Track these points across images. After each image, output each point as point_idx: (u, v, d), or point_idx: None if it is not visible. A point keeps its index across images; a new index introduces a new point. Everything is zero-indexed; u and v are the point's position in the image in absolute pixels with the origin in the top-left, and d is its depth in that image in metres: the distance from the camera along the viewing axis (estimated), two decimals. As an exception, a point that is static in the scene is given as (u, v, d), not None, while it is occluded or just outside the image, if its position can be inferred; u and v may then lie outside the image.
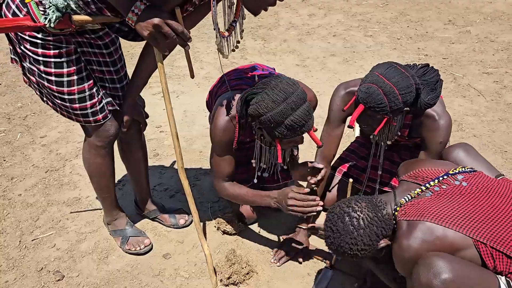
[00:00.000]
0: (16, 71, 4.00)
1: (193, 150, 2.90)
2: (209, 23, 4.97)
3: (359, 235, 1.45)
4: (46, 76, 1.67)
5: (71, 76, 1.69)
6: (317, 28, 4.74)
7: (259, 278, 2.00)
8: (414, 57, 4.03)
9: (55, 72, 1.66)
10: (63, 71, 1.67)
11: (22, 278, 2.00)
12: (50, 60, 1.64)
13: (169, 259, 2.11)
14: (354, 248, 1.47)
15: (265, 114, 1.63)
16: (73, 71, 1.69)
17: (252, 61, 4.10)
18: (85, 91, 1.74)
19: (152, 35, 1.47)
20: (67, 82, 1.69)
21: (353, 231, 1.46)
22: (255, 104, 1.66)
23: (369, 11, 5.09)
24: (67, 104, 1.75)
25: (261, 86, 1.68)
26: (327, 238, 1.52)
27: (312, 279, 1.99)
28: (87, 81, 1.74)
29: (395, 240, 1.47)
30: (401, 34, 4.51)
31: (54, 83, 1.68)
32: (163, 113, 3.27)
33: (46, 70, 1.65)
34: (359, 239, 1.45)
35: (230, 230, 2.21)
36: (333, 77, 3.77)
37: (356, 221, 1.46)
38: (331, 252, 1.81)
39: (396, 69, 1.69)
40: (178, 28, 1.47)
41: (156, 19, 1.43)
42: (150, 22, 1.44)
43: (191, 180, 2.62)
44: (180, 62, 4.14)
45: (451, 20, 4.76)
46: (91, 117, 1.79)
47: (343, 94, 1.97)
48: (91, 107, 1.77)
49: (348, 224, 1.46)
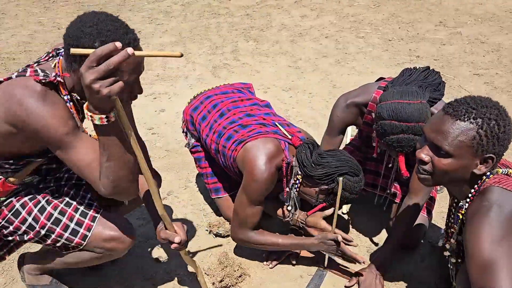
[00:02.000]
0: (6, 72, 3.97)
1: (185, 151, 2.89)
2: (201, 25, 4.96)
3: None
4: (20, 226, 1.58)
5: (32, 213, 1.58)
6: (309, 30, 4.75)
7: (251, 281, 2.00)
8: (405, 58, 4.05)
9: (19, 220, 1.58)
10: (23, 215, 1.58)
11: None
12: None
13: (161, 263, 2.10)
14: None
15: (344, 192, 1.79)
16: (31, 209, 1.59)
17: (244, 62, 4.10)
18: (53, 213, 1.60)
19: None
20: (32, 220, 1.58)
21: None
22: (346, 181, 1.77)
23: (361, 13, 5.11)
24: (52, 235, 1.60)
25: (353, 168, 1.79)
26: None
27: (305, 281, 1.99)
28: (49, 205, 1.61)
29: (481, 201, 1.34)
30: (392, 35, 4.53)
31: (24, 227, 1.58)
32: (155, 114, 3.25)
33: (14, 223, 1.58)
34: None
35: (222, 232, 2.20)
36: (325, 78, 3.77)
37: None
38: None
39: (409, 105, 1.66)
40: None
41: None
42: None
43: (183, 183, 2.62)
44: (173, 63, 4.13)
45: (442, 21, 4.80)
46: (84, 230, 1.61)
47: (343, 106, 2.02)
48: (70, 220, 1.60)
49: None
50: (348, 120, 2.05)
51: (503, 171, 1.38)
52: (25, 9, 5.48)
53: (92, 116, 1.19)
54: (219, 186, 2.22)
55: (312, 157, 1.81)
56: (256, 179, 1.81)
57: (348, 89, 3.57)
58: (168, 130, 3.10)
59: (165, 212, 1.53)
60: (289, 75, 3.85)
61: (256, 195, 1.85)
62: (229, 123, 1.99)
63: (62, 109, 1.34)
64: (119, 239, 1.61)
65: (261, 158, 1.82)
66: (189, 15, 5.27)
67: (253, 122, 1.98)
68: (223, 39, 4.60)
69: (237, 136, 1.93)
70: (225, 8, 5.42)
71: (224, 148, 1.96)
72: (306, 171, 1.80)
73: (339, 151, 1.86)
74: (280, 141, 1.90)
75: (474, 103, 1.32)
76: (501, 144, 1.31)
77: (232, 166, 1.97)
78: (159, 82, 3.79)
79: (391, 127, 1.66)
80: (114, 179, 1.31)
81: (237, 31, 4.77)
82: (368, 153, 2.18)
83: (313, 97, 3.51)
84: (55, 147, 1.36)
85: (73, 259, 1.68)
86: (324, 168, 1.78)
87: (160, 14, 5.31)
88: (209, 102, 2.13)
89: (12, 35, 4.73)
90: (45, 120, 1.30)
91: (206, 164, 2.23)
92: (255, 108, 2.08)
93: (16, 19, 5.17)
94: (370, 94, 1.96)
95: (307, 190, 1.86)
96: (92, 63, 1.08)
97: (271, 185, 1.86)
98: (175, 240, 1.56)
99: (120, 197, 1.41)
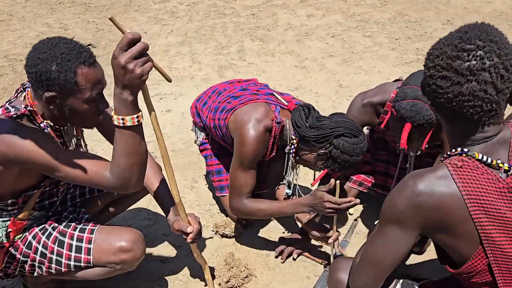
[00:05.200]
0: (14, 73, 3.99)
1: (191, 152, 2.89)
2: (207, 25, 4.96)
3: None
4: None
5: (41, 241, 1.64)
6: (316, 29, 4.72)
7: (257, 282, 1.99)
8: (413, 57, 4.01)
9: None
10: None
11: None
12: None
13: (167, 263, 2.09)
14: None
15: (343, 154, 1.72)
16: (40, 238, 1.65)
17: (250, 62, 4.09)
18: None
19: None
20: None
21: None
22: (344, 143, 1.71)
23: (368, 12, 5.08)
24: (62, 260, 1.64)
25: (350, 128, 1.73)
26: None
27: (311, 282, 1.98)
28: (54, 230, 1.67)
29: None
30: (399, 34, 4.49)
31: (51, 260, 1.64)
32: (161, 115, 3.25)
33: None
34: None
35: (228, 233, 2.19)
36: (332, 78, 3.75)
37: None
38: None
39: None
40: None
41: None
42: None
43: (189, 183, 2.61)
44: (179, 63, 4.13)
45: (450, 20, 4.75)
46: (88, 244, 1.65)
47: (359, 106, 1.97)
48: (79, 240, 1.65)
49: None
50: (364, 120, 1.99)
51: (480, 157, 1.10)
52: (32, 11, 5.51)
53: (124, 118, 1.27)
54: (224, 184, 2.21)
55: (308, 120, 1.78)
56: (245, 142, 1.81)
57: (354, 88, 3.57)
58: (174, 131, 3.10)
59: (181, 201, 1.56)
60: (295, 75, 3.83)
61: (247, 159, 1.84)
62: (224, 98, 2.01)
63: (40, 136, 1.40)
64: (128, 250, 1.63)
65: (249, 121, 1.82)
66: (195, 15, 5.27)
67: (246, 93, 1.99)
68: (229, 39, 4.59)
69: (229, 106, 1.94)
70: (231, 8, 5.41)
71: (219, 120, 1.97)
72: (300, 132, 1.77)
73: (338, 114, 1.82)
74: (270, 105, 1.89)
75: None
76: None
77: (226, 135, 1.98)
78: (165, 82, 3.79)
79: (412, 90, 1.66)
80: (125, 166, 1.35)
81: (243, 31, 4.76)
82: (378, 154, 2.16)
83: (319, 96, 3.49)
84: (47, 172, 1.42)
85: (83, 275, 1.68)
86: (318, 130, 1.74)
87: (166, 15, 5.32)
88: (211, 90, 2.16)
89: (19, 37, 4.76)
90: (27, 149, 1.36)
91: (213, 161, 2.24)
92: (251, 85, 2.09)
93: (23, 21, 5.20)
94: (388, 93, 1.91)
95: (305, 157, 1.83)
96: (125, 46, 1.18)
97: (261, 147, 1.84)
98: (188, 230, 1.57)
99: (127, 188, 1.42)
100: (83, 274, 1.67)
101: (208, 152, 2.25)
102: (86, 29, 4.96)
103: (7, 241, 1.61)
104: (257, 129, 1.81)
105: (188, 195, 2.53)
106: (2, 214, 1.59)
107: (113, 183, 1.39)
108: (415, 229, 1.14)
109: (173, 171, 1.52)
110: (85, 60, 1.38)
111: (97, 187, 1.45)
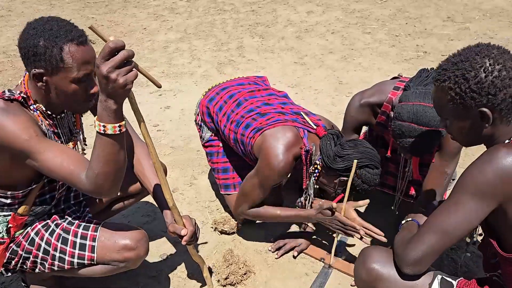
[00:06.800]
0: (13, 69, 3.98)
1: (190, 149, 2.89)
2: (207, 21, 4.95)
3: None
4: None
5: (44, 238, 1.64)
6: (315, 25, 4.71)
7: (256, 279, 1.99)
8: (412, 54, 4.01)
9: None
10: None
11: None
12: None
13: (166, 260, 2.10)
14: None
15: (363, 184, 1.77)
16: (43, 234, 1.65)
17: (250, 59, 4.08)
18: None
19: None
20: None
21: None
22: (366, 173, 1.75)
23: (368, 8, 5.07)
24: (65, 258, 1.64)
25: (374, 160, 1.76)
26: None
27: (310, 279, 1.98)
28: (58, 227, 1.66)
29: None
30: (399, 31, 4.49)
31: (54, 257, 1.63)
32: (160, 111, 3.25)
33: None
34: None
35: (227, 229, 2.19)
36: (331, 74, 3.75)
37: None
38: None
39: (431, 109, 1.62)
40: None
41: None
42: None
43: (188, 180, 2.61)
44: (178, 60, 4.12)
45: (450, 16, 4.74)
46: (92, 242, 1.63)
47: (357, 106, 1.98)
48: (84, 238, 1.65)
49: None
50: (362, 120, 2.01)
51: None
52: (31, 7, 5.49)
53: (105, 126, 1.23)
54: (230, 183, 2.21)
55: (334, 149, 1.79)
56: (271, 167, 1.81)
57: (354, 85, 3.56)
58: (174, 127, 3.09)
59: (175, 204, 1.55)
60: (294, 72, 3.82)
61: (268, 182, 1.86)
62: (247, 112, 1.99)
63: (24, 118, 1.38)
64: (132, 249, 1.62)
65: (278, 147, 1.81)
66: (194, 11, 5.25)
67: (272, 110, 1.97)
68: (228, 35, 4.58)
69: (255, 124, 1.92)
70: (230, 4, 5.40)
71: (243, 137, 1.96)
72: (327, 162, 1.79)
73: (360, 142, 1.83)
74: (298, 129, 1.89)
75: (447, 65, 1.24)
76: (484, 94, 1.17)
77: (250, 153, 1.98)
78: (164, 78, 3.79)
79: (409, 129, 1.63)
80: (100, 173, 1.32)
81: (242, 28, 4.75)
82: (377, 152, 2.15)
83: (319, 93, 3.49)
84: (24, 157, 1.37)
85: (86, 272, 1.68)
86: (344, 161, 1.76)
87: (165, 11, 5.30)
88: (225, 93, 2.12)
89: (19, 32, 4.73)
90: (5, 129, 1.34)
91: (219, 159, 2.23)
92: (273, 98, 2.08)
93: (22, 16, 5.18)
94: (385, 94, 1.91)
95: (326, 180, 1.85)
96: (107, 55, 1.13)
97: (285, 175, 1.86)
98: (182, 233, 1.57)
99: (99, 194, 1.40)
100: (85, 271, 1.67)
101: (214, 149, 2.24)
102: (85, 25, 4.94)
103: (8, 237, 1.60)
104: (286, 158, 1.81)
105: (187, 191, 2.53)
106: (4, 209, 1.58)
107: (86, 187, 1.36)
108: (494, 202, 1.15)
109: (165, 177, 1.52)
110: (73, 38, 1.35)
111: (72, 187, 1.43)
